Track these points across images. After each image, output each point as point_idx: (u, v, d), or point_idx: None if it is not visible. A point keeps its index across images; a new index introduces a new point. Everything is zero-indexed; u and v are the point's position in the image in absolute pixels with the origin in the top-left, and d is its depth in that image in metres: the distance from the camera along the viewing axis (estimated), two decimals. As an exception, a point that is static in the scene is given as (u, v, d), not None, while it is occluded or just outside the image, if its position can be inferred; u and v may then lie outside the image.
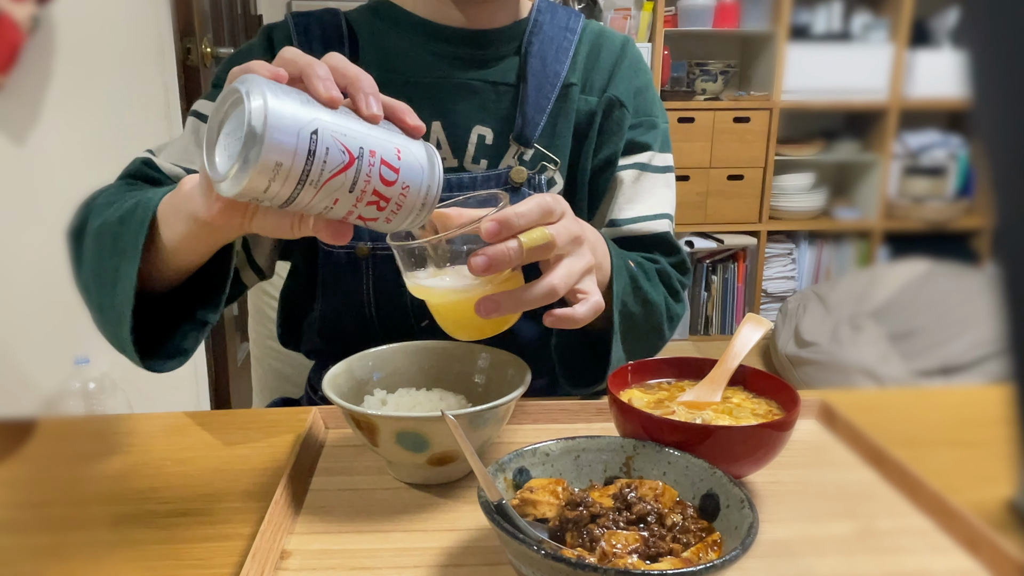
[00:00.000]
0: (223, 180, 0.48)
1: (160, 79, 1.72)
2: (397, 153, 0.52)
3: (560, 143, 0.83)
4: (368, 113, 0.51)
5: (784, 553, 0.55)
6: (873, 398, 0.90)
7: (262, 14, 2.80)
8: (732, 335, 0.74)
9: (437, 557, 0.54)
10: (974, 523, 0.55)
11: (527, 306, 0.58)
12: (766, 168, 3.31)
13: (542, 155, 0.82)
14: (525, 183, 0.80)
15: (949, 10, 3.10)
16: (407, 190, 0.52)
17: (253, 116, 0.46)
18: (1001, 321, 0.20)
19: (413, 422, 0.58)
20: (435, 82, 0.81)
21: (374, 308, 0.83)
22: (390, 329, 0.83)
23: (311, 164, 0.47)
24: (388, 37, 0.83)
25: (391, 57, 0.82)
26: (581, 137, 0.85)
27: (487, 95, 0.81)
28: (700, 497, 0.54)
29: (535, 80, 0.81)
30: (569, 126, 0.83)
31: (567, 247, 0.60)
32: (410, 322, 0.82)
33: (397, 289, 0.77)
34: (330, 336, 0.89)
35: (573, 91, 0.84)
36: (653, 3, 3.18)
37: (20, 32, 1.50)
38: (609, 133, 0.86)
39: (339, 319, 0.86)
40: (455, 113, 0.81)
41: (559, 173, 0.83)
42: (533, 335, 0.88)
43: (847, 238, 3.45)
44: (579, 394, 0.80)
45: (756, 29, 3.28)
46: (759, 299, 3.47)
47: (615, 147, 0.87)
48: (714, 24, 3.26)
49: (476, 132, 0.81)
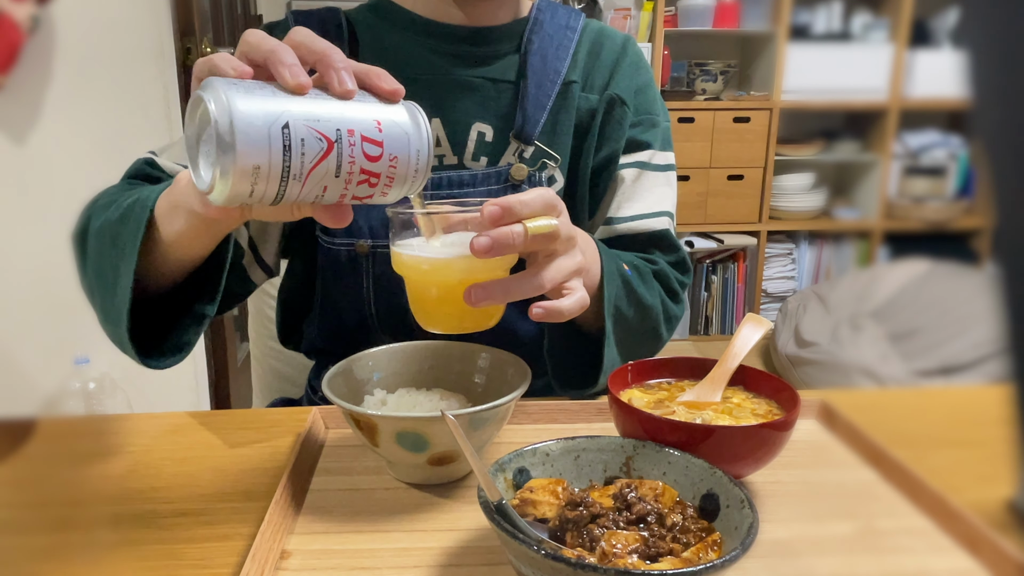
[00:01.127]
0: (208, 191, 0.47)
1: (160, 79, 1.72)
2: (377, 126, 0.50)
3: (561, 140, 0.83)
4: (341, 90, 0.49)
5: (784, 553, 0.55)
6: (873, 398, 0.90)
7: (262, 14, 2.80)
8: (732, 335, 0.74)
9: (437, 557, 0.54)
10: (974, 523, 0.55)
11: (514, 296, 0.58)
12: (766, 168, 3.31)
13: (543, 152, 0.81)
14: (526, 180, 0.80)
15: (949, 10, 3.10)
16: (396, 160, 0.51)
17: (219, 124, 0.45)
18: (1001, 321, 0.20)
19: (413, 422, 0.58)
20: (435, 79, 0.81)
21: (374, 307, 0.83)
22: (390, 328, 0.83)
23: (289, 159, 0.46)
24: (388, 35, 0.83)
25: (390, 55, 0.82)
26: (582, 135, 0.85)
27: (487, 92, 0.81)
28: (700, 497, 0.54)
29: (535, 77, 0.81)
30: (570, 124, 0.83)
31: (562, 244, 0.60)
32: (410, 321, 0.82)
33: (397, 287, 0.77)
34: (330, 335, 0.89)
35: (574, 89, 0.84)
36: (653, 3, 3.18)
37: (20, 32, 1.50)
38: (610, 131, 0.86)
39: (339, 317, 0.86)
40: (455, 110, 0.81)
41: (559, 171, 0.83)
42: (533, 335, 0.88)
43: (847, 238, 3.45)
44: (572, 396, 0.80)
45: (756, 29, 3.28)
46: (759, 299, 3.47)
47: (616, 145, 0.86)
48: (714, 24, 3.26)
49: (476, 129, 0.81)
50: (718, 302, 3.48)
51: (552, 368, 0.78)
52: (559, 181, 0.84)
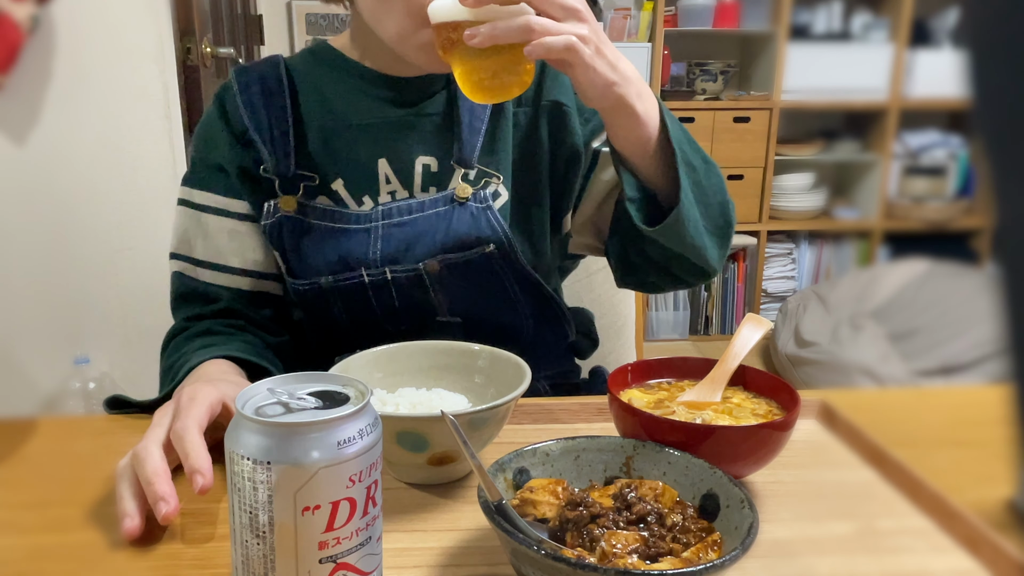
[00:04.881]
0: None
1: (160, 79, 1.72)
2: None
3: (501, 158, 0.86)
4: None
5: (784, 553, 0.55)
6: (873, 398, 0.90)
7: (262, 14, 2.80)
8: (732, 335, 0.74)
9: (437, 557, 0.54)
10: (974, 523, 0.55)
11: (499, 31, 0.63)
12: (766, 168, 3.31)
13: (484, 172, 0.85)
14: (471, 198, 0.83)
15: (949, 10, 3.10)
16: None
17: None
18: (1001, 321, 0.20)
19: (413, 422, 0.58)
20: (376, 122, 0.85)
21: (350, 325, 0.85)
22: (370, 337, 0.84)
23: None
24: (327, 82, 0.86)
25: (331, 102, 0.86)
26: (530, 148, 0.87)
27: (425, 127, 0.85)
28: (700, 497, 0.54)
29: (466, 106, 0.84)
30: (508, 141, 0.86)
31: (566, 17, 0.65)
32: (387, 329, 0.84)
33: (367, 310, 0.82)
34: (315, 344, 0.90)
35: (506, 108, 0.86)
36: (653, 3, 3.18)
37: (20, 32, 1.50)
38: (563, 135, 0.87)
39: (321, 331, 0.89)
40: (398, 148, 0.85)
41: (503, 185, 0.86)
42: (533, 335, 0.88)
43: (847, 238, 3.45)
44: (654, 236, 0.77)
45: (756, 29, 3.28)
46: (759, 299, 3.47)
47: (574, 138, 0.87)
48: (714, 24, 3.26)
49: (420, 162, 0.85)
50: (718, 302, 3.48)
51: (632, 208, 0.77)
52: (503, 195, 0.86)
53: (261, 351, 0.82)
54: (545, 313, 0.88)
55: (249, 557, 0.45)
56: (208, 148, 0.86)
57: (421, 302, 0.83)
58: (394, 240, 0.82)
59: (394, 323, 0.84)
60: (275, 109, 0.83)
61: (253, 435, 0.43)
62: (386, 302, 0.82)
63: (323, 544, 0.44)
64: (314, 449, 0.43)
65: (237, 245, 0.85)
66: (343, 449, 0.43)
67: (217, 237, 0.85)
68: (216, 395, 0.63)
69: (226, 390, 0.65)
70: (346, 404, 0.45)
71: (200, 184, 0.86)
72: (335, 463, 0.43)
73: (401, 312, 0.83)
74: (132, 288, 1.73)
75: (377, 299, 0.82)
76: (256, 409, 0.45)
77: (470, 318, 0.84)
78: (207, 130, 0.87)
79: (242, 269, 0.85)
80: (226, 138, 0.85)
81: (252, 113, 0.83)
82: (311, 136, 0.84)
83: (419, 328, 0.83)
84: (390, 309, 0.83)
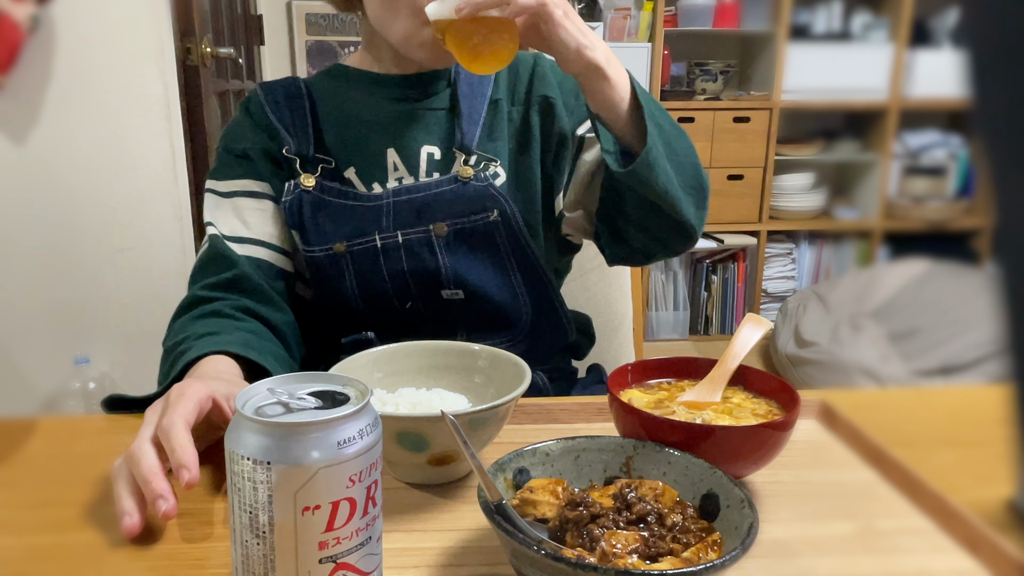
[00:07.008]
0: None
1: (160, 79, 1.72)
2: None
3: (498, 146, 0.94)
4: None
5: (784, 553, 0.55)
6: (873, 398, 0.90)
7: (262, 14, 2.80)
8: (732, 335, 0.75)
9: (437, 557, 0.54)
10: (974, 523, 0.55)
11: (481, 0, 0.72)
12: (766, 168, 3.31)
13: (483, 157, 0.93)
14: (472, 177, 0.90)
15: (949, 10, 3.10)
16: None
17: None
18: (1001, 321, 0.20)
19: (413, 422, 0.58)
20: (386, 117, 0.94)
21: (360, 299, 0.90)
22: (377, 314, 0.90)
23: None
24: (341, 91, 0.97)
25: (345, 105, 0.95)
26: (525, 142, 0.94)
27: (429, 119, 0.94)
28: (700, 497, 0.54)
29: (466, 101, 0.94)
30: (503, 134, 0.94)
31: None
32: (394, 305, 0.90)
33: (378, 277, 0.89)
34: (325, 324, 0.93)
35: (501, 105, 0.95)
36: (653, 3, 3.18)
37: (20, 32, 1.51)
38: (550, 120, 0.94)
39: (330, 309, 0.93)
40: (405, 138, 0.93)
41: (501, 167, 0.93)
42: (530, 327, 0.92)
43: (847, 238, 3.45)
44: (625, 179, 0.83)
45: (756, 29, 3.28)
46: (759, 299, 3.47)
47: (563, 123, 0.94)
48: (714, 24, 3.26)
49: (425, 151, 0.93)
50: (718, 302, 3.48)
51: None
52: (502, 175, 0.92)
53: (263, 343, 0.82)
54: (542, 304, 0.92)
55: (249, 557, 0.45)
56: (233, 140, 0.94)
57: (429, 267, 0.87)
58: (404, 211, 0.89)
59: (401, 298, 0.89)
60: (296, 109, 0.93)
61: (253, 435, 0.43)
62: (395, 267, 0.88)
63: (323, 544, 0.44)
64: (314, 449, 0.43)
65: (258, 220, 0.91)
66: (343, 449, 0.43)
67: (240, 213, 0.91)
68: (205, 392, 0.63)
69: (217, 387, 0.65)
70: (346, 404, 0.45)
71: (224, 175, 0.93)
72: (335, 463, 0.43)
73: (409, 279, 0.88)
74: (132, 288, 1.73)
75: (387, 263, 0.87)
76: (256, 409, 0.45)
77: (471, 292, 0.89)
78: (233, 129, 0.95)
79: (260, 240, 0.90)
80: (251, 128, 0.94)
81: (276, 110, 0.93)
82: (327, 131, 0.94)
83: (424, 305, 0.89)
84: (399, 275, 0.88)
